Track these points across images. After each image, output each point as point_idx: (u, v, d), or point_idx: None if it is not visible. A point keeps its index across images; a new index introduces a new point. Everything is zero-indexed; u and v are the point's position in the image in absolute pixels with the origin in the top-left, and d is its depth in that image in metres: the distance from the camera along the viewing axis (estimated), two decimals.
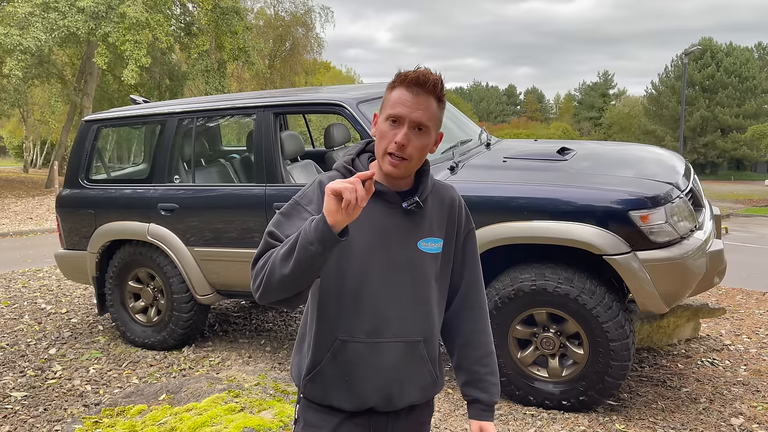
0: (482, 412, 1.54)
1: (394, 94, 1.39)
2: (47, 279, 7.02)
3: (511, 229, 3.21)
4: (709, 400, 3.42)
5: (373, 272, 1.41)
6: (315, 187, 1.43)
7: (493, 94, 77.22)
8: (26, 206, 16.45)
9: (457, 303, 1.57)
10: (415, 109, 1.36)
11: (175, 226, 4.25)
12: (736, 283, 6.36)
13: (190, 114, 4.40)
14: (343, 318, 1.42)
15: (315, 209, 1.38)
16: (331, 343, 1.43)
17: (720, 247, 3.34)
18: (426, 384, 1.49)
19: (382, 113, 1.41)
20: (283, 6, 32.14)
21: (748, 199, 24.98)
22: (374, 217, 1.41)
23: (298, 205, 1.41)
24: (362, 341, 1.42)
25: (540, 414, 3.22)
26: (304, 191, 1.45)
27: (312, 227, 1.21)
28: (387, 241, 1.42)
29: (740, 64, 45.75)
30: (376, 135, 1.42)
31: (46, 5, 16.82)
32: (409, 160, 1.38)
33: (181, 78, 22.97)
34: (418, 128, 1.37)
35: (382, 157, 1.38)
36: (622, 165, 3.71)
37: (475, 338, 1.57)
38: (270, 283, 1.27)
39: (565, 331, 3.24)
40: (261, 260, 1.32)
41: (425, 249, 1.46)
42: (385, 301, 1.42)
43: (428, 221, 1.48)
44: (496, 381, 1.56)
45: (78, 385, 3.91)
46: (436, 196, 1.50)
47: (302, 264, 1.22)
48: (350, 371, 1.43)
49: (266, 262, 1.29)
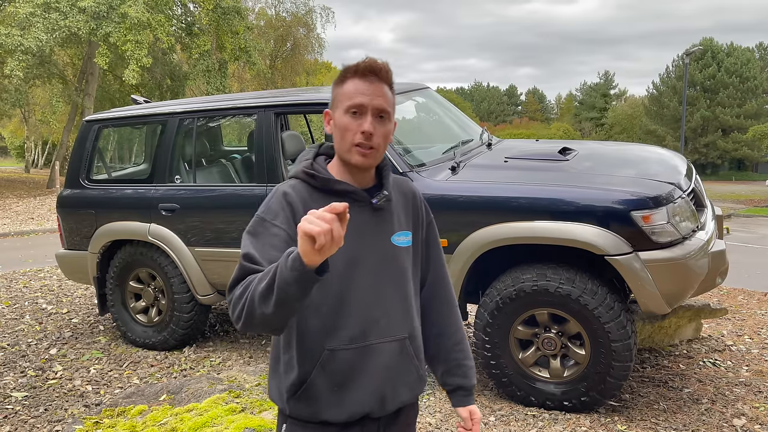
0: (466, 398, 1.55)
1: (348, 86, 1.36)
2: (48, 279, 7.02)
3: (513, 230, 3.20)
4: (711, 401, 3.41)
5: (353, 275, 1.38)
6: (279, 199, 1.38)
7: (494, 94, 77.18)
8: (27, 206, 16.45)
9: (426, 293, 1.56)
10: (375, 96, 1.35)
11: (176, 226, 4.25)
12: (737, 284, 6.35)
13: (191, 114, 4.39)
14: (328, 328, 1.38)
15: (283, 221, 1.34)
16: (319, 355, 1.38)
17: (722, 247, 3.33)
18: (414, 381, 1.48)
19: (338, 107, 1.37)
20: (284, 6, 32.15)
21: (749, 200, 24.95)
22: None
23: (264, 222, 1.35)
24: (351, 347, 1.38)
25: (541, 414, 3.21)
26: (267, 205, 1.39)
27: (288, 267, 1.11)
28: (362, 241, 1.39)
29: (741, 65, 45.71)
30: (334, 132, 1.39)
31: (48, 5, 16.82)
32: (377, 149, 1.36)
33: (182, 78, 22.96)
34: (380, 116, 1.36)
35: (349, 151, 1.36)
36: (623, 165, 3.71)
37: (448, 327, 1.57)
38: (252, 318, 1.20)
39: (566, 331, 3.23)
40: (238, 288, 1.24)
41: (399, 243, 1.46)
42: (369, 303, 1.40)
43: (396, 215, 1.47)
44: (473, 365, 1.58)
45: (79, 385, 3.90)
46: (397, 189, 1.49)
47: (283, 304, 1.14)
48: (342, 380, 1.38)
49: (244, 294, 1.21)
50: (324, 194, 1.38)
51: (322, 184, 1.39)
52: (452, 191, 3.40)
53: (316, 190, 1.40)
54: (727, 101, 45.03)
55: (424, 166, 3.62)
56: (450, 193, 3.40)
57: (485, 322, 3.32)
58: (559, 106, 78.68)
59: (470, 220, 3.31)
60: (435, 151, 3.98)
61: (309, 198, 1.38)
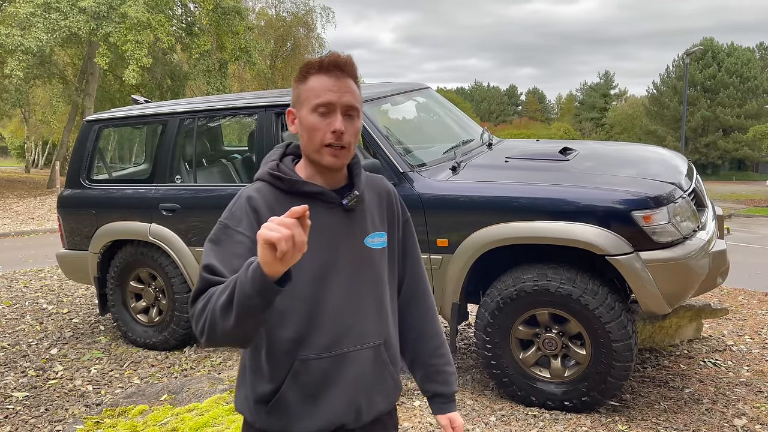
0: (446, 405, 1.49)
1: (312, 83, 1.29)
2: (49, 279, 7.02)
3: (514, 230, 3.20)
4: (712, 401, 3.41)
5: (325, 280, 1.31)
6: (242, 204, 1.30)
7: (494, 94, 77.19)
8: (28, 206, 16.46)
9: (403, 296, 1.50)
10: (344, 92, 1.29)
11: (176, 226, 4.25)
12: (738, 284, 6.35)
13: (192, 114, 4.39)
14: (299, 337, 1.30)
15: (247, 227, 1.26)
16: (289, 365, 1.30)
17: (723, 247, 3.33)
18: (389, 389, 1.42)
19: (304, 106, 1.30)
20: (285, 6, 32.18)
21: (750, 200, 24.95)
22: (314, 221, 1.26)
23: (227, 229, 1.28)
24: (324, 356, 1.31)
25: (542, 415, 3.21)
26: (230, 210, 1.31)
27: (248, 278, 1.04)
28: (333, 244, 1.32)
29: (741, 65, 45.72)
30: (300, 132, 1.33)
31: (48, 5, 16.83)
32: (348, 148, 1.30)
33: (182, 78, 22.97)
34: (349, 113, 1.30)
35: (318, 151, 1.29)
36: (624, 165, 3.71)
37: (427, 331, 1.51)
38: (214, 333, 1.13)
39: (567, 331, 3.23)
40: (200, 302, 1.17)
41: (372, 245, 1.38)
42: (342, 309, 1.32)
43: (369, 216, 1.40)
44: (453, 370, 1.52)
45: (79, 385, 3.90)
46: (370, 188, 1.42)
47: (245, 317, 1.08)
48: (315, 391, 1.31)
49: (206, 308, 1.14)
50: (291, 197, 1.32)
51: (289, 186, 1.32)
52: (453, 191, 3.40)
53: (282, 192, 1.33)
54: (728, 101, 45.03)
55: (425, 166, 3.62)
56: (451, 193, 3.40)
57: (486, 322, 3.32)
58: (560, 106, 78.68)
59: (471, 220, 3.31)
60: (436, 151, 3.98)
61: (275, 201, 1.31)
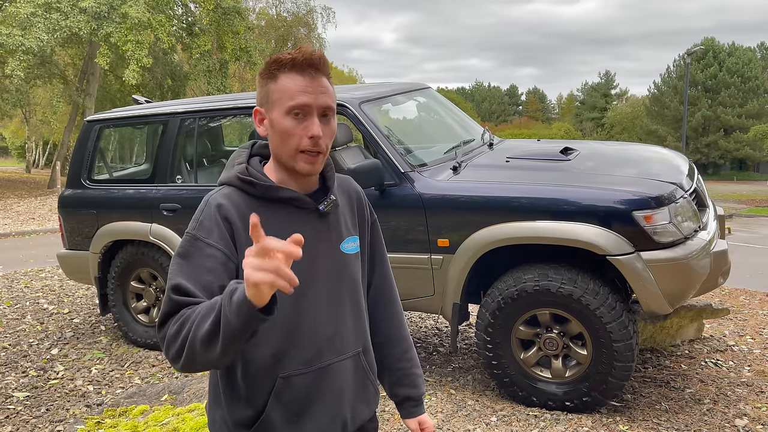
0: (415, 408, 1.46)
1: (284, 82, 1.19)
2: (49, 279, 7.02)
3: (515, 230, 3.20)
4: (713, 401, 3.40)
5: (304, 292, 1.23)
6: (212, 213, 1.21)
7: (494, 94, 77.17)
8: (29, 206, 16.46)
9: (371, 299, 1.45)
10: (319, 93, 1.19)
11: (177, 227, 4.24)
12: (739, 284, 6.34)
13: (192, 114, 4.39)
14: (280, 353, 1.23)
15: (218, 239, 1.18)
16: (271, 385, 1.23)
17: (724, 247, 3.33)
18: (370, 396, 1.39)
19: (276, 108, 1.20)
20: (285, 6, 32.19)
21: (751, 200, 24.92)
22: (290, 229, 1.17)
23: (197, 241, 1.18)
24: (307, 371, 1.25)
25: (543, 415, 3.21)
26: (198, 220, 1.21)
27: (234, 312, 0.96)
28: (311, 253, 1.23)
29: (743, 64, 45.68)
30: (270, 135, 1.23)
31: (49, 6, 16.84)
32: (324, 153, 1.23)
33: (182, 78, 22.98)
34: (325, 114, 1.22)
35: (293, 157, 1.21)
36: (625, 165, 3.70)
37: (394, 334, 1.47)
38: (194, 363, 1.06)
39: (568, 331, 3.23)
40: (172, 326, 1.08)
41: (347, 250, 1.33)
42: (323, 320, 1.27)
43: (343, 220, 1.34)
44: (421, 373, 1.49)
45: (80, 385, 3.90)
46: (341, 191, 1.36)
47: (231, 347, 1.01)
48: (299, 409, 1.25)
49: (180, 334, 1.05)
50: (264, 202, 1.24)
51: (262, 192, 1.24)
52: (454, 191, 3.40)
53: (253, 198, 1.24)
54: (729, 101, 45.00)
55: (426, 166, 3.61)
56: (451, 193, 3.39)
57: (487, 322, 3.32)
58: (560, 106, 78.68)
59: (472, 220, 3.31)
60: (436, 151, 3.97)
61: (246, 208, 1.22)
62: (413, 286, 3.51)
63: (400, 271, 3.47)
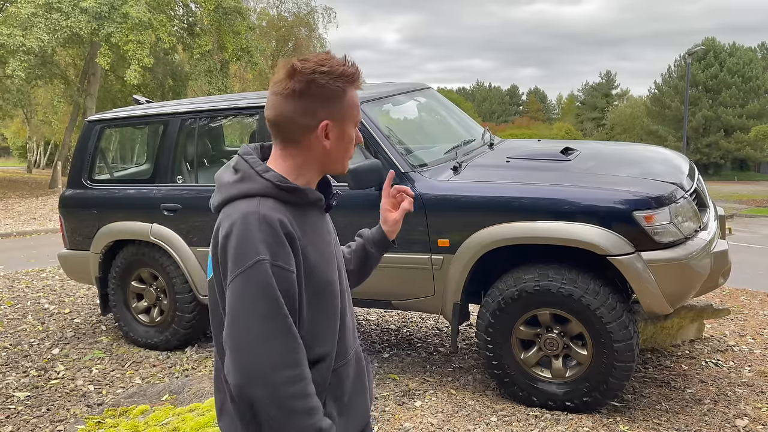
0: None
1: (352, 98, 1.25)
2: (50, 279, 7.03)
3: (515, 230, 3.20)
4: (714, 402, 3.40)
5: (345, 292, 1.33)
6: (276, 229, 1.14)
7: (495, 94, 77.17)
8: (30, 206, 16.47)
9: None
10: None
11: (178, 227, 4.25)
12: (739, 284, 6.33)
13: (193, 114, 4.39)
14: (333, 349, 1.28)
15: (287, 260, 1.14)
16: (327, 381, 1.26)
17: (725, 247, 3.33)
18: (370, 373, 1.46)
19: (349, 121, 1.26)
20: (286, 6, 32.19)
21: (752, 200, 24.87)
22: (318, 230, 1.28)
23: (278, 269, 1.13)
24: (346, 361, 1.31)
25: (543, 415, 3.21)
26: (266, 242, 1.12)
27: None
28: (334, 252, 1.32)
29: (743, 64, 45.63)
30: (336, 145, 1.25)
31: (49, 6, 16.85)
32: None
33: (183, 78, 22.99)
34: None
35: (344, 162, 1.30)
36: (626, 165, 3.70)
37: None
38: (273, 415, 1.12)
39: (568, 331, 3.23)
40: (284, 371, 1.11)
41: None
42: (349, 310, 1.36)
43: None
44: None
45: (81, 385, 3.91)
46: None
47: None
48: (347, 398, 1.31)
49: (288, 399, 1.10)
50: (299, 209, 1.24)
51: (301, 199, 1.23)
52: (454, 191, 3.40)
53: (291, 206, 1.21)
54: (730, 101, 44.94)
55: (426, 166, 3.62)
56: (452, 193, 3.39)
57: (487, 322, 3.32)
58: (560, 107, 78.64)
59: (472, 220, 3.31)
60: (437, 151, 3.97)
61: (293, 219, 1.20)
62: (413, 286, 3.51)
63: (400, 271, 3.48)
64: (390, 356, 4.26)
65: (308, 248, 1.20)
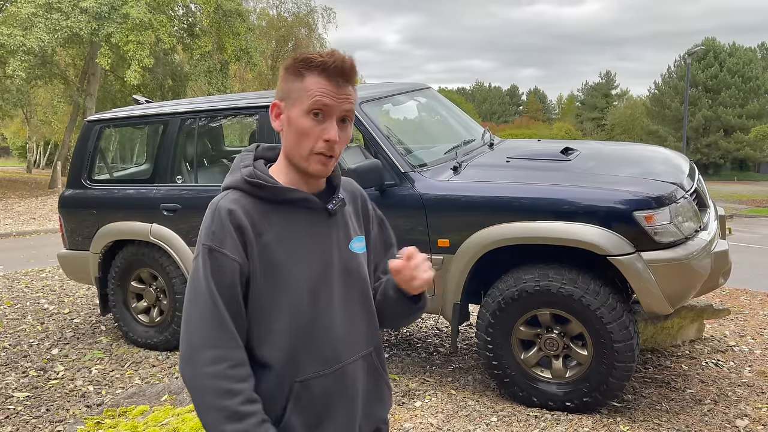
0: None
1: (310, 83, 1.18)
2: (50, 279, 7.03)
3: (515, 230, 3.20)
4: (714, 402, 3.40)
5: (318, 292, 1.24)
6: (223, 219, 1.19)
7: (495, 94, 77.21)
8: (29, 206, 16.47)
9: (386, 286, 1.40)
10: (343, 100, 1.20)
11: (177, 227, 4.24)
12: (740, 284, 6.33)
13: (193, 114, 4.39)
14: (297, 357, 1.22)
15: (233, 249, 1.18)
16: (288, 390, 1.22)
17: (725, 247, 3.32)
18: (385, 395, 1.39)
19: (297, 105, 1.20)
20: (286, 7, 32.19)
21: (752, 200, 24.87)
22: (301, 230, 1.24)
23: (213, 252, 1.18)
24: (326, 373, 1.24)
25: (543, 415, 3.20)
26: (209, 228, 1.20)
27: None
28: (324, 254, 1.26)
29: (743, 65, 45.65)
30: (286, 132, 1.22)
31: (50, 6, 16.85)
32: (336, 157, 1.23)
33: (183, 78, 22.99)
34: (343, 120, 1.22)
35: (307, 158, 1.21)
36: (626, 165, 3.70)
37: None
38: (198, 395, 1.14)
39: (568, 332, 3.22)
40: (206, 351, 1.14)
41: (356, 250, 1.33)
42: (337, 320, 1.26)
43: (350, 220, 1.34)
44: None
45: (80, 385, 3.90)
46: (344, 192, 1.36)
47: None
48: (321, 412, 1.24)
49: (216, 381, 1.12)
50: (273, 205, 1.23)
51: (272, 195, 1.23)
52: (454, 191, 3.40)
53: (262, 201, 1.23)
54: (729, 101, 44.96)
55: (426, 166, 3.61)
56: (452, 193, 3.39)
57: (487, 322, 3.32)
58: (560, 107, 78.67)
59: (472, 221, 3.31)
60: (437, 151, 3.97)
61: (255, 213, 1.21)
62: None
63: None
64: (390, 356, 4.25)
65: (273, 244, 1.21)
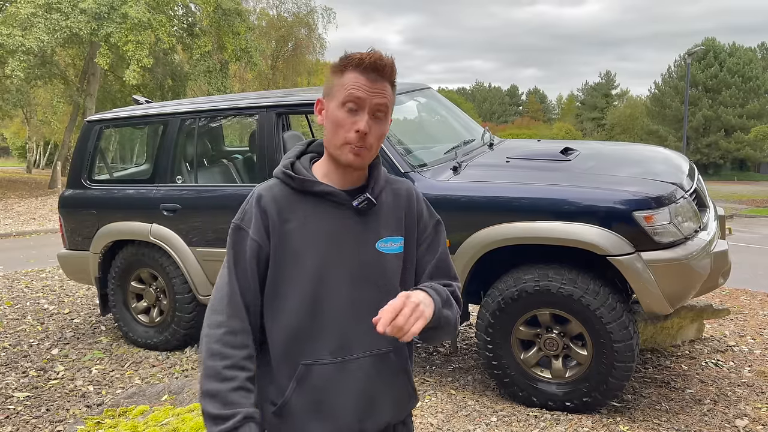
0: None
1: (347, 78, 1.26)
2: (50, 279, 7.03)
3: (515, 230, 3.20)
4: (714, 402, 3.40)
5: (330, 284, 1.28)
6: (253, 203, 1.32)
7: (495, 94, 77.20)
8: (29, 206, 16.47)
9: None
10: (376, 93, 1.26)
11: (177, 227, 4.24)
12: (739, 284, 6.33)
13: (193, 114, 4.39)
14: (303, 340, 1.28)
15: (254, 231, 1.30)
16: (293, 369, 1.29)
17: (724, 247, 3.32)
18: (401, 398, 1.38)
19: (334, 99, 1.28)
20: (286, 6, 32.19)
21: (752, 200, 24.86)
22: (323, 222, 1.30)
23: (240, 230, 1.32)
24: (329, 362, 1.28)
25: (543, 415, 3.20)
26: (243, 209, 1.34)
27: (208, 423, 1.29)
28: (341, 247, 1.30)
29: (743, 64, 45.64)
30: (326, 124, 1.31)
31: (49, 6, 16.84)
32: (370, 150, 1.28)
33: (183, 78, 22.97)
34: (377, 114, 1.27)
35: (341, 147, 1.27)
36: (625, 165, 3.70)
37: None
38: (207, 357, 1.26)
39: (568, 332, 3.22)
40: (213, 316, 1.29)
41: (385, 250, 1.34)
42: (348, 314, 1.29)
43: (384, 219, 1.35)
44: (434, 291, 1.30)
45: (80, 385, 3.90)
46: (390, 191, 1.38)
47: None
48: (320, 399, 1.28)
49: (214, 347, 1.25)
50: (301, 195, 1.32)
51: (300, 186, 1.32)
52: (454, 191, 3.40)
53: (294, 191, 1.32)
54: (730, 101, 44.96)
55: (426, 166, 3.61)
56: (452, 193, 3.39)
57: (487, 322, 3.32)
58: (560, 107, 78.66)
59: (472, 221, 3.31)
60: (437, 151, 3.97)
61: (284, 201, 1.31)
62: None
63: None
64: None
65: (294, 231, 1.30)
